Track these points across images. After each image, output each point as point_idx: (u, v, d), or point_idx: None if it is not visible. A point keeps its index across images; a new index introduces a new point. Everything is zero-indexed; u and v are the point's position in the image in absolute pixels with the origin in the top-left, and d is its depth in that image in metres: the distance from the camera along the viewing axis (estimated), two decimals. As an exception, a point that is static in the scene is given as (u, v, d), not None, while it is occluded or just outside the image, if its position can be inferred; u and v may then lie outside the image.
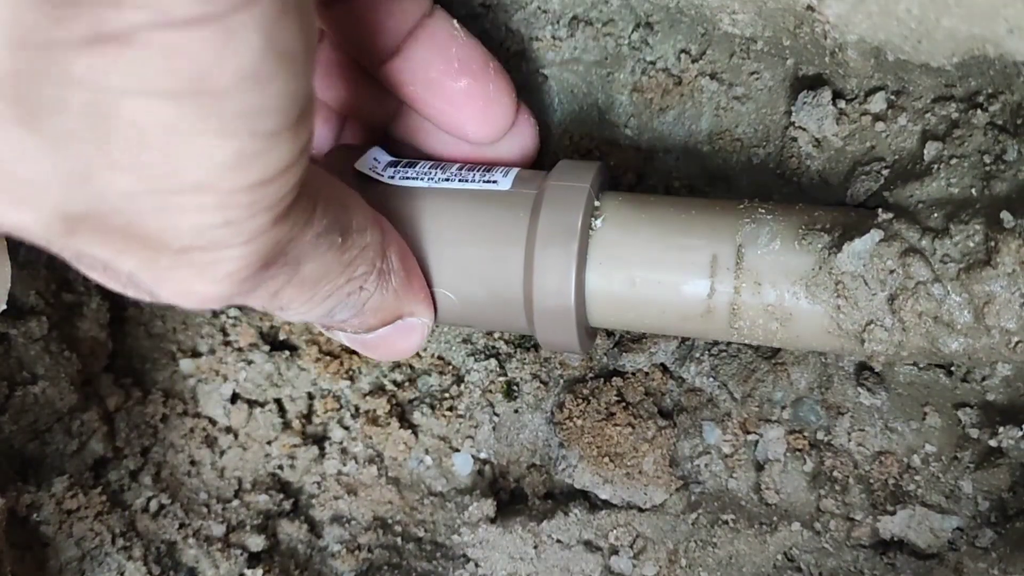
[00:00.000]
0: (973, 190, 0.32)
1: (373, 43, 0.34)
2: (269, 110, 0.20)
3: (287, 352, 0.44)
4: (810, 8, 0.32)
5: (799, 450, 0.38)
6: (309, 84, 0.21)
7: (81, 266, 0.22)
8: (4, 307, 0.34)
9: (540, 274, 0.32)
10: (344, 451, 0.42)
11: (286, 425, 0.43)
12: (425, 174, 0.34)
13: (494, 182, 0.34)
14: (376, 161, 0.35)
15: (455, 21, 0.35)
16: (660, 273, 0.32)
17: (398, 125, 0.38)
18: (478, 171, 0.34)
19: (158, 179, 0.19)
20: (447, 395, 0.43)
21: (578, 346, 0.34)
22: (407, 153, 0.38)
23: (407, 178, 0.34)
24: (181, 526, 0.40)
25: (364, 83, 0.37)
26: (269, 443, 0.42)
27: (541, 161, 0.39)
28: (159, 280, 0.22)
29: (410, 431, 0.42)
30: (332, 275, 0.28)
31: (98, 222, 0.20)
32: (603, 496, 0.40)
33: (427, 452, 0.42)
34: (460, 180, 0.34)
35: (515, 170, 0.35)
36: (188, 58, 0.17)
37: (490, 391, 0.42)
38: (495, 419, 0.42)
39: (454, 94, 0.35)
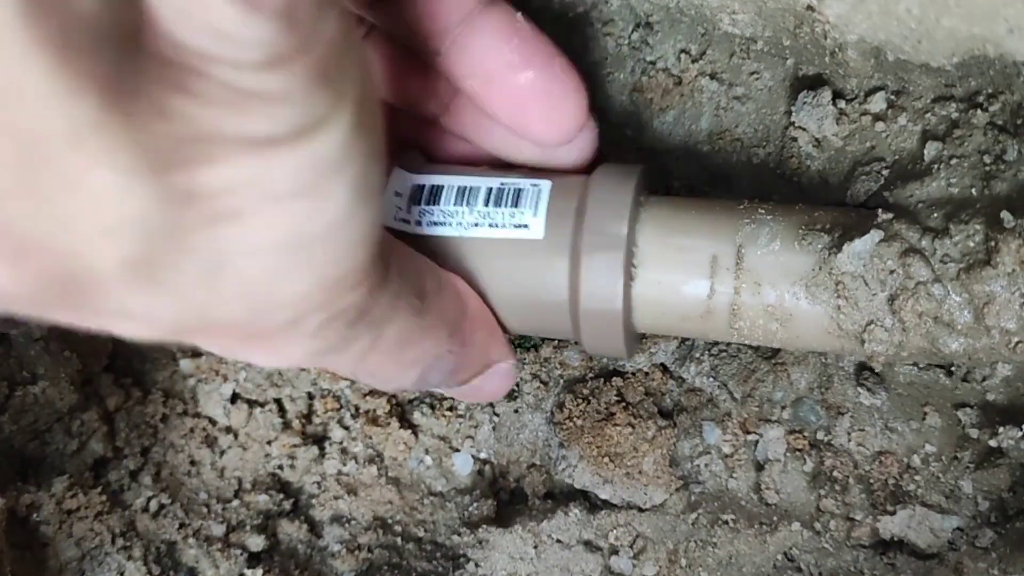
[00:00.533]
0: (973, 190, 0.32)
1: (428, 32, 0.33)
2: (351, 241, 0.22)
3: (287, 352, 0.44)
4: (810, 8, 0.32)
5: (799, 450, 0.38)
6: (379, 205, 0.23)
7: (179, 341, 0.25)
8: (4, 307, 0.34)
9: (587, 282, 0.32)
10: (344, 451, 0.42)
11: (286, 425, 0.43)
12: (452, 215, 0.33)
13: (525, 226, 0.33)
14: (398, 196, 0.34)
15: (519, 13, 0.33)
16: (659, 273, 0.32)
17: (451, 118, 0.37)
18: (506, 207, 0.33)
19: (256, 304, 0.21)
20: (447, 396, 0.43)
21: (624, 351, 0.33)
22: (460, 151, 0.37)
23: (435, 223, 0.33)
24: (181, 526, 0.40)
25: (415, 74, 0.36)
26: (269, 443, 0.42)
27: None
28: (252, 352, 0.24)
29: (410, 431, 0.42)
30: (415, 339, 0.28)
31: (201, 332, 0.22)
32: (603, 496, 0.40)
33: (427, 452, 0.42)
34: (490, 224, 0.33)
35: (546, 192, 0.33)
36: (287, 222, 0.20)
37: (490, 391, 0.42)
38: (495, 419, 0.42)
39: (516, 89, 0.33)
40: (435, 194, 0.33)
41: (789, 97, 0.37)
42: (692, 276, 0.32)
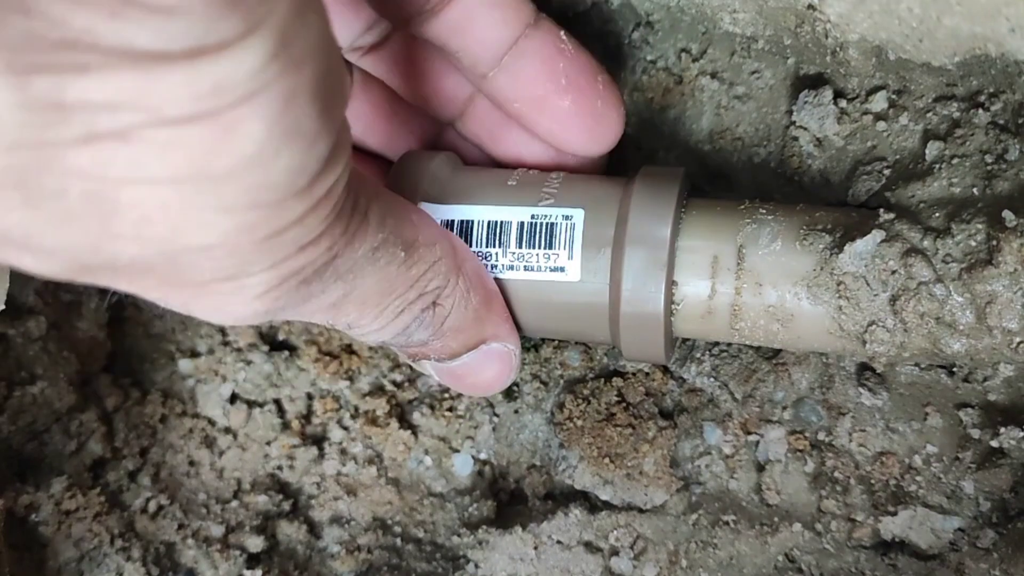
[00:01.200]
0: (975, 189, 0.32)
1: (476, 56, 0.33)
2: (273, 185, 0.19)
3: (286, 352, 0.43)
4: (811, 7, 0.32)
5: (800, 451, 0.38)
6: (326, 146, 0.20)
7: (117, 288, 0.23)
8: (3, 307, 0.34)
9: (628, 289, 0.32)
10: (343, 451, 0.42)
11: (285, 425, 0.43)
12: (485, 256, 0.33)
13: (561, 269, 0.33)
14: None
15: (562, 32, 0.33)
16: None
17: (465, 124, 0.37)
18: (540, 248, 0.32)
19: (164, 245, 0.19)
20: (447, 395, 0.42)
21: (663, 355, 0.33)
22: (470, 155, 0.36)
23: None
24: (180, 527, 0.40)
25: (435, 75, 0.35)
26: (268, 443, 0.42)
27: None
28: (188, 304, 0.23)
29: (409, 432, 0.42)
30: (399, 289, 0.27)
31: (114, 270, 0.20)
32: (603, 497, 0.40)
33: (427, 453, 0.42)
34: (525, 267, 0.33)
35: (580, 225, 0.32)
36: (185, 151, 0.18)
37: (490, 391, 0.42)
38: (495, 420, 0.42)
39: (561, 112, 0.33)
40: (466, 231, 0.33)
41: (790, 96, 0.37)
42: (693, 277, 0.32)
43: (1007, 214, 0.30)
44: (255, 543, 0.40)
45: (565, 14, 0.40)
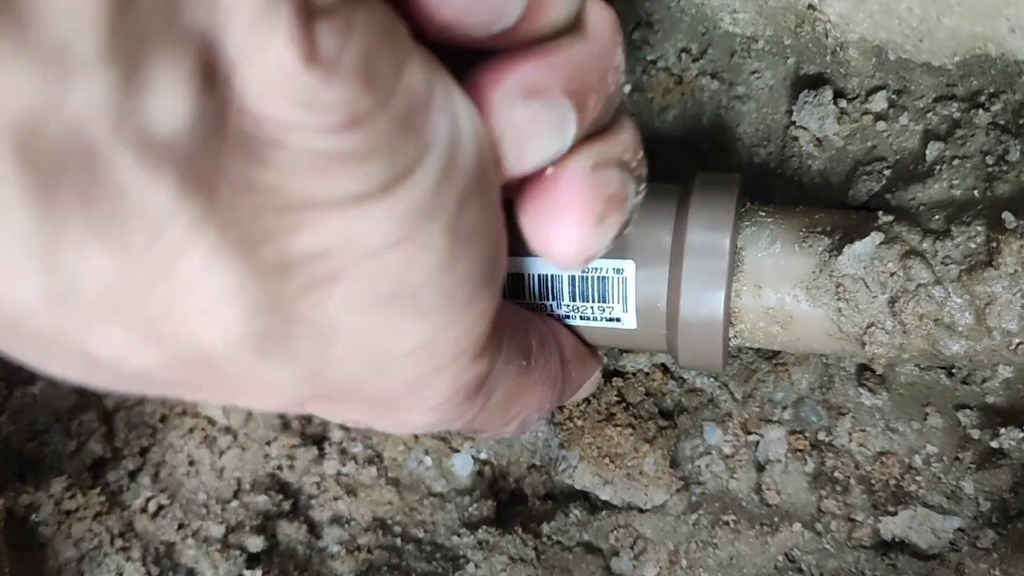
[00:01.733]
0: (975, 191, 0.32)
1: None
2: (460, 284, 0.21)
3: (286, 352, 0.43)
4: (811, 7, 0.32)
5: (800, 451, 0.38)
6: (493, 245, 0.22)
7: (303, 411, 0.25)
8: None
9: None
10: (343, 451, 0.42)
11: (285, 425, 0.43)
12: (538, 308, 0.33)
13: (617, 320, 0.33)
14: None
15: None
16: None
17: None
18: (594, 301, 0.32)
19: (374, 363, 0.21)
20: (447, 395, 0.42)
21: (721, 364, 0.33)
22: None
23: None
24: (180, 526, 0.40)
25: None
26: (268, 443, 0.42)
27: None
28: (375, 419, 0.25)
29: (410, 431, 0.42)
30: (521, 397, 0.29)
31: (326, 398, 0.22)
32: (603, 497, 0.40)
33: (426, 453, 0.42)
34: (581, 317, 0.33)
35: (632, 279, 0.32)
36: (388, 274, 0.19)
37: (490, 391, 0.42)
38: (494, 420, 0.42)
39: None
40: (516, 286, 0.33)
41: (790, 96, 0.37)
42: None
43: (1007, 216, 0.30)
44: (255, 543, 0.40)
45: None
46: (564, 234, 0.24)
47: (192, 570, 0.39)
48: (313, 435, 0.43)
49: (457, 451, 0.42)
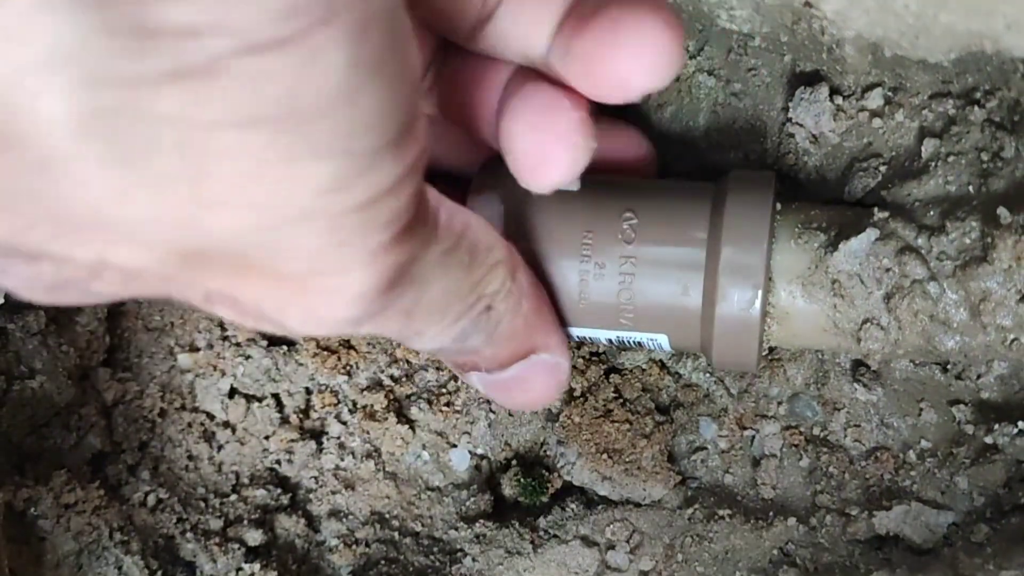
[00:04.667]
0: (970, 187, 0.32)
1: (526, 51, 0.29)
2: (364, 128, 0.19)
3: (285, 347, 0.44)
4: (808, 4, 0.32)
5: (795, 445, 0.38)
6: (408, 96, 0.20)
7: (211, 306, 0.22)
8: (2, 301, 0.34)
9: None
10: (342, 446, 0.42)
11: (284, 420, 0.43)
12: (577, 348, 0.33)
13: (654, 347, 0.33)
14: None
15: None
16: None
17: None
18: (631, 351, 0.33)
19: (262, 212, 0.19)
20: (444, 390, 0.43)
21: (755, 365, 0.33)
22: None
23: None
24: (179, 520, 0.40)
25: (481, 89, 0.32)
26: (267, 438, 0.42)
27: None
28: (285, 309, 0.22)
29: (407, 426, 0.42)
30: (462, 293, 0.27)
31: (214, 257, 0.20)
32: (602, 492, 0.40)
33: (424, 447, 0.42)
34: (621, 349, 0.32)
35: (666, 345, 0.33)
36: (274, 83, 0.17)
37: (487, 386, 0.42)
38: (491, 416, 0.42)
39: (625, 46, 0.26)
40: None
41: (786, 93, 0.37)
42: None
43: (1002, 211, 0.30)
44: (254, 537, 0.40)
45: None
46: (552, 157, 0.25)
47: (191, 564, 0.39)
48: (312, 429, 0.43)
49: (455, 446, 0.42)
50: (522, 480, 0.41)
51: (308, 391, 0.43)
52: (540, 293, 0.32)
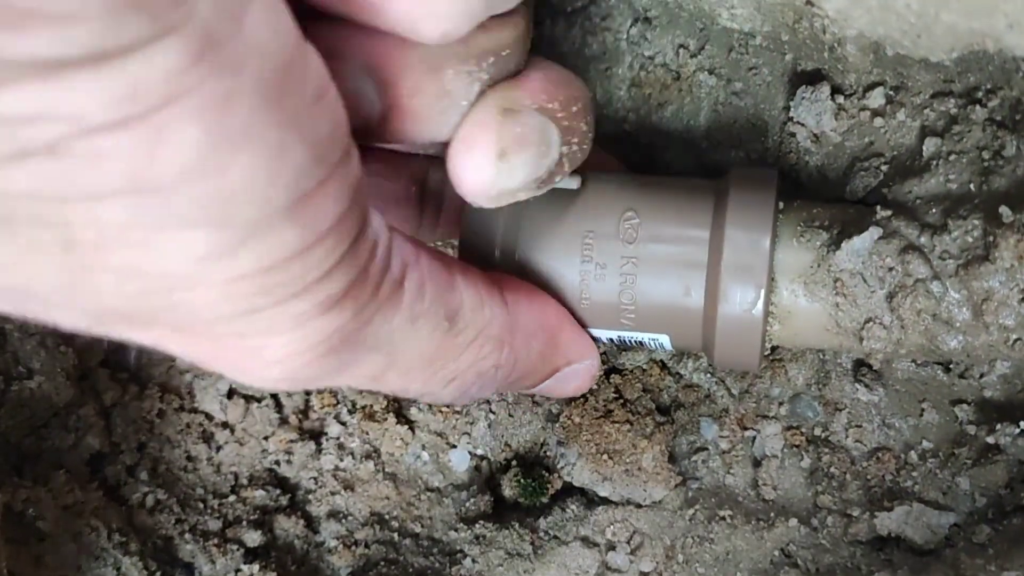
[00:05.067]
0: (972, 186, 0.32)
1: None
2: (239, 197, 0.18)
3: (284, 347, 0.43)
4: (809, 3, 0.32)
5: (796, 446, 0.38)
6: (308, 161, 0.19)
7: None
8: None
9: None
10: (341, 446, 0.42)
11: (283, 420, 0.43)
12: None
13: (656, 347, 0.34)
14: None
15: None
16: None
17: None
18: (633, 351, 0.33)
19: (145, 278, 0.19)
20: (444, 391, 0.42)
21: (757, 364, 0.33)
22: None
23: None
24: (178, 521, 0.40)
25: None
26: (266, 438, 0.42)
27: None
28: (212, 361, 0.22)
29: (407, 427, 0.42)
30: (448, 359, 0.26)
31: (123, 316, 0.20)
32: (602, 493, 0.40)
33: (424, 448, 0.42)
34: (622, 349, 0.33)
35: (668, 345, 0.33)
36: (118, 160, 0.17)
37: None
38: (491, 416, 0.42)
39: None
40: None
41: (788, 92, 0.37)
42: None
43: (1004, 210, 0.30)
44: (253, 537, 0.40)
45: (564, 9, 0.40)
46: (471, 165, 0.25)
47: (190, 565, 0.39)
48: (311, 430, 0.43)
49: (454, 446, 0.42)
50: (522, 481, 0.41)
51: (307, 392, 0.43)
52: (551, 322, 0.31)
